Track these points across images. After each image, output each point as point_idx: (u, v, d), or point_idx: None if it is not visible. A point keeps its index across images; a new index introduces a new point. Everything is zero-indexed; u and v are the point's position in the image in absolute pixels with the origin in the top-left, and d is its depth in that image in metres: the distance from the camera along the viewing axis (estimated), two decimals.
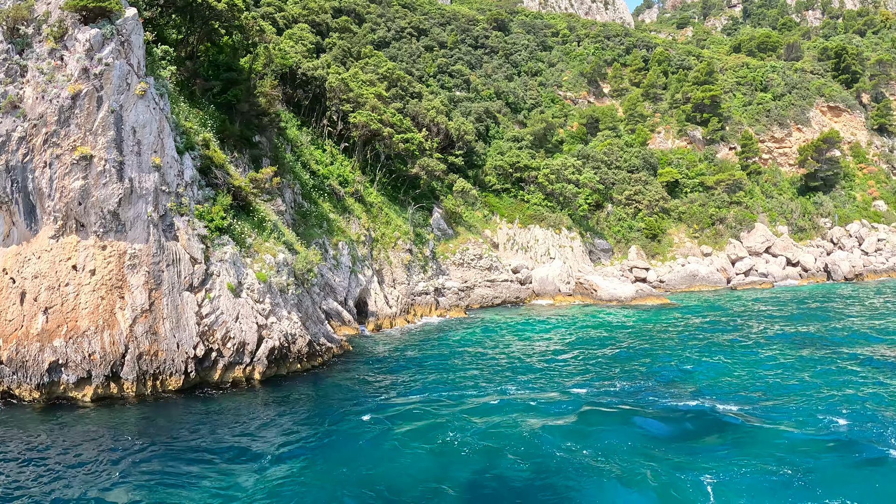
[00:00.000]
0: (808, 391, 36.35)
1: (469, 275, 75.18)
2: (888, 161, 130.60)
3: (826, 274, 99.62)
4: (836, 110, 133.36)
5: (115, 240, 34.66)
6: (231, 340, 36.89)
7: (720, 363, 43.60)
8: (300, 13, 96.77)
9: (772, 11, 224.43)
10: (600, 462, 26.26)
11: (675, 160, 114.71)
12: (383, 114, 72.24)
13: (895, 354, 44.92)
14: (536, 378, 39.86)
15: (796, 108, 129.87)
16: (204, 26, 53.62)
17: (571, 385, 38.01)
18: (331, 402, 34.37)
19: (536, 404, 34.18)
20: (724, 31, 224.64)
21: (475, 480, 25.05)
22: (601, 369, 42.19)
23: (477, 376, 40.34)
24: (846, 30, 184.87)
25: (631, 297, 75.43)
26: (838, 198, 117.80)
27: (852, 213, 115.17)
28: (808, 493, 23.63)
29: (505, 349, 49.40)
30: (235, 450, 27.50)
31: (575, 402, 34.46)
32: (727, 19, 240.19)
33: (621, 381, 38.67)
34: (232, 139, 50.70)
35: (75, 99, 33.85)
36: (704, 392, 36.36)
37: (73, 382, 33.14)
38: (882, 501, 23.18)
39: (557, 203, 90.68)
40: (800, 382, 38.28)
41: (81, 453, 26.66)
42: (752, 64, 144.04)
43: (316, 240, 55.05)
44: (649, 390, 36.90)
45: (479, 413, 32.54)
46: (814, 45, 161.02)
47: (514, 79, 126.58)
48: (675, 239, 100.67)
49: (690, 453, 27.09)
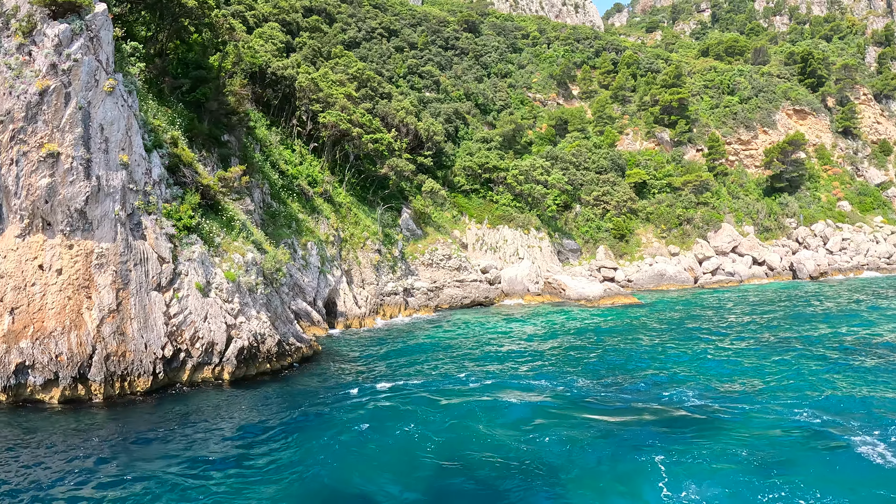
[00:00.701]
0: (773, 384, 37.06)
1: (438, 275, 75.27)
2: (852, 163, 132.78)
3: (792, 272, 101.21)
4: (801, 113, 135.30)
5: (82, 239, 34.32)
6: (200, 340, 36.70)
7: (687, 360, 44.20)
8: (271, 12, 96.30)
9: (740, 16, 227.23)
10: (562, 455, 26.64)
11: (643, 161, 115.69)
12: (353, 114, 72.14)
13: (859, 349, 45.75)
14: (505, 376, 40.02)
15: (763, 111, 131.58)
16: (174, 23, 53.27)
17: (540, 382, 38.22)
18: (299, 402, 34.31)
19: (504, 401, 34.40)
20: (693, 36, 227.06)
21: (442, 475, 25.20)
22: (569, 367, 42.47)
23: (445, 375, 40.44)
24: (813, 35, 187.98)
25: (599, 297, 75.93)
26: (803, 198, 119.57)
27: (817, 214, 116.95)
28: (766, 481, 24.13)
29: (473, 348, 49.53)
30: (204, 450, 27.37)
31: (543, 397, 34.81)
32: (696, 24, 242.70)
33: (589, 378, 38.96)
34: (200, 138, 50.37)
35: (43, 95, 33.48)
36: (671, 387, 36.78)
37: (40, 384, 32.71)
38: (838, 486, 23.73)
39: (526, 204, 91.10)
40: (765, 376, 39.01)
41: (48, 455, 26.40)
42: (719, 68, 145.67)
43: (285, 240, 54.87)
44: (616, 386, 37.23)
45: (447, 410, 32.71)
46: (781, 49, 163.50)
47: (484, 80, 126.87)
48: (643, 239, 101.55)
49: (653, 445, 27.45)
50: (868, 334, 52.23)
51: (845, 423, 30.05)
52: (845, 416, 31.22)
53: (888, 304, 68.81)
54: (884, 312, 62.95)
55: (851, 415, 31.37)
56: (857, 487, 23.67)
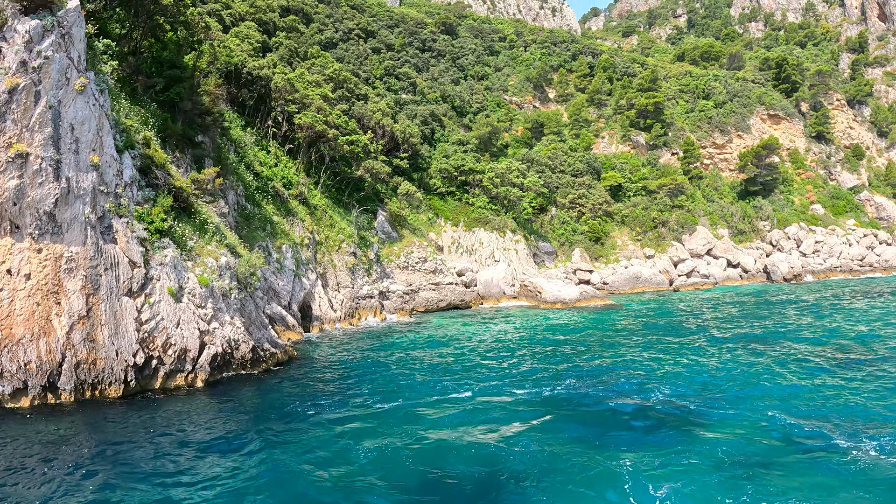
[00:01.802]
0: (747, 387, 37.06)
1: (414, 278, 74.80)
2: (825, 167, 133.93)
3: (766, 275, 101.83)
4: (775, 118, 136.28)
5: (52, 242, 33.44)
6: (172, 347, 35.96)
7: (662, 361, 44.12)
8: (247, 11, 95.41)
9: (716, 22, 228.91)
10: (533, 461, 26.36)
11: (619, 165, 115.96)
12: (329, 115, 71.50)
13: (833, 351, 45.86)
14: (480, 379, 39.61)
15: (737, 115, 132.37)
16: (148, 21, 52.33)
17: (515, 385, 37.88)
18: (275, 408, 33.68)
19: (479, 404, 34.13)
20: (669, 41, 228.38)
21: (421, 480, 24.86)
22: (545, 370, 42.16)
23: (421, 378, 40.01)
24: (787, 41, 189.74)
25: (575, 299, 75.80)
26: (777, 202, 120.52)
27: (791, 217, 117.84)
28: (736, 483, 24.04)
29: (449, 351, 49.11)
30: (175, 458, 26.71)
31: (518, 402, 34.53)
32: (672, 29, 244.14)
33: (564, 382, 38.62)
34: (174, 138, 49.50)
35: (12, 93, 32.57)
36: (645, 390, 36.59)
37: (8, 393, 31.80)
38: (810, 490, 23.58)
39: (502, 206, 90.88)
40: (738, 379, 38.98)
41: (15, 460, 25.66)
42: (695, 72, 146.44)
43: (259, 243, 54.13)
44: (591, 389, 36.95)
45: (423, 414, 32.41)
46: (756, 55, 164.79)
47: (461, 82, 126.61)
48: (619, 242, 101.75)
49: (628, 447, 27.34)
50: (841, 335, 52.36)
51: (821, 426, 29.97)
52: (820, 418, 31.17)
53: (861, 304, 69.20)
54: (854, 313, 63.29)
55: (826, 417, 31.32)
56: (830, 492, 23.50)
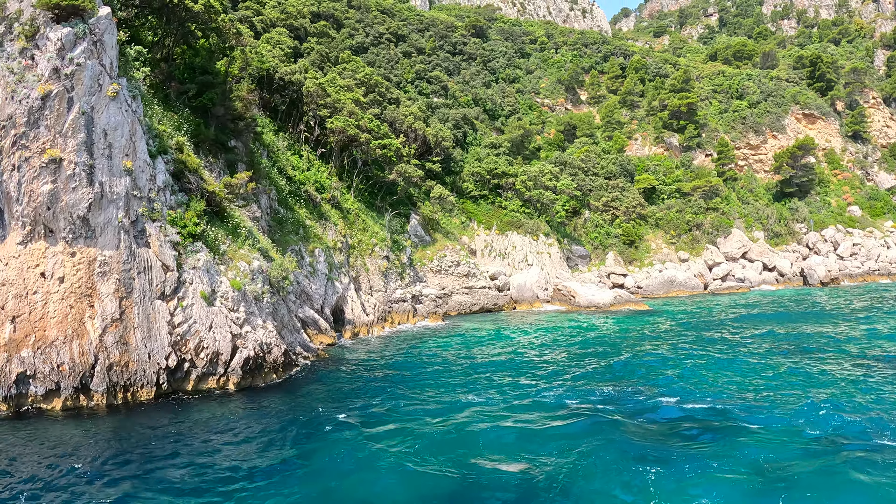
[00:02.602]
0: (788, 394, 36.14)
1: (446, 282, 74.57)
2: (862, 167, 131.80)
3: (802, 279, 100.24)
4: (810, 117, 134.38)
5: (85, 246, 33.67)
6: (204, 350, 36.01)
7: (700, 368, 43.30)
8: (278, 17, 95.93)
9: (748, 21, 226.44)
10: (576, 468, 25.84)
11: (652, 167, 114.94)
12: (361, 119, 71.53)
13: (876, 358, 44.86)
14: (513, 385, 39.26)
15: (772, 115, 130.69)
16: (180, 28, 52.67)
17: (550, 391, 37.45)
18: (307, 412, 33.54)
19: (512, 410, 33.67)
20: (701, 40, 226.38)
21: (453, 488, 24.52)
22: (580, 375, 41.68)
23: (455, 384, 39.71)
24: (821, 39, 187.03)
25: (609, 304, 75.13)
26: (813, 203, 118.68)
27: (827, 219, 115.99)
28: (777, 491, 23.42)
29: (483, 357, 48.78)
30: (204, 462, 26.65)
31: (552, 407, 34.07)
32: (703, 28, 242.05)
33: (600, 387, 38.14)
34: (207, 143, 49.74)
35: (45, 100, 32.87)
36: (685, 396, 35.97)
37: (41, 394, 32.11)
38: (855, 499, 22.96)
39: (535, 210, 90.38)
40: (779, 385, 38.09)
41: (47, 465, 25.75)
42: (728, 72, 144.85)
43: (292, 247, 54.16)
44: (629, 396, 36.41)
45: (456, 419, 31.98)
46: (789, 53, 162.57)
47: (492, 85, 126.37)
48: (653, 245, 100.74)
49: (670, 457, 26.64)
50: (883, 341, 51.34)
51: (863, 432, 29.29)
52: (862, 425, 30.40)
53: None
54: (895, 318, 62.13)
55: (868, 424, 30.52)
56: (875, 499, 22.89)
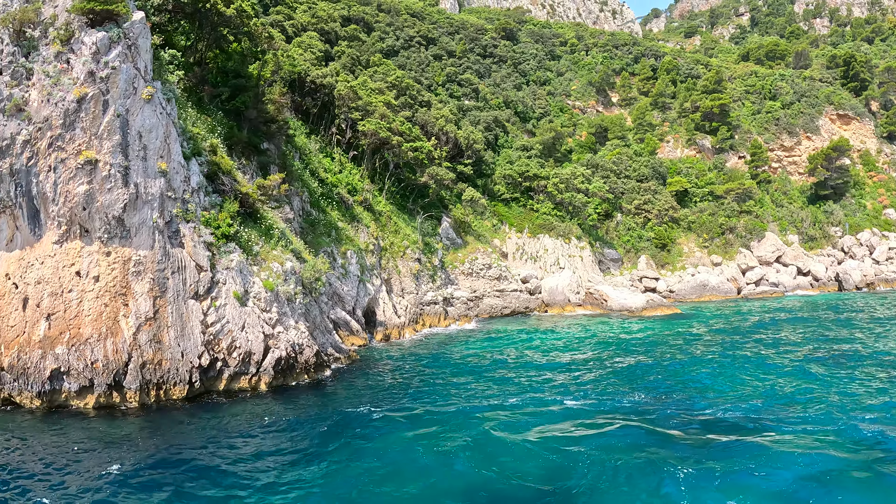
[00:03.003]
0: (825, 401, 35.54)
1: (478, 284, 74.45)
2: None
3: (837, 283, 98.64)
4: (845, 118, 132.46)
5: (120, 246, 34.02)
6: (237, 350, 36.22)
7: (734, 373, 42.77)
8: (309, 21, 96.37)
9: (779, 20, 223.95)
10: (605, 474, 25.66)
11: (685, 169, 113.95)
12: (392, 122, 71.65)
13: None
14: (545, 389, 39.07)
15: (805, 116, 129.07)
16: (212, 32, 53.09)
17: (581, 395, 37.24)
18: (338, 413, 33.60)
19: (544, 414, 33.53)
20: (732, 40, 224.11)
21: (483, 490, 24.47)
22: (611, 380, 41.39)
23: (486, 387, 39.59)
24: (854, 37, 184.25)
25: (641, 308, 74.56)
26: (848, 206, 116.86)
27: (863, 222, 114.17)
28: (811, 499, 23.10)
29: (514, 360, 48.63)
30: (239, 463, 26.76)
31: (583, 412, 33.83)
32: (735, 28, 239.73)
33: (632, 392, 37.85)
34: (240, 146, 50.11)
35: (81, 102, 33.29)
36: (718, 402, 35.57)
37: (74, 391, 32.53)
38: None
39: (567, 212, 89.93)
40: (815, 393, 37.46)
41: (81, 461, 25.99)
42: (760, 72, 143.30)
43: (324, 248, 54.34)
44: (660, 402, 36.09)
45: (487, 422, 31.86)
46: (822, 53, 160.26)
47: (523, 88, 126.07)
48: (685, 248, 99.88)
49: (701, 464, 26.31)
50: None
51: None
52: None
53: None
54: None
55: None
56: None
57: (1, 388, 32.60)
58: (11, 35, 34.33)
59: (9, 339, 32.86)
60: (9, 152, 33.11)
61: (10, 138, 33.05)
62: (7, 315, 33.12)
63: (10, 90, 33.50)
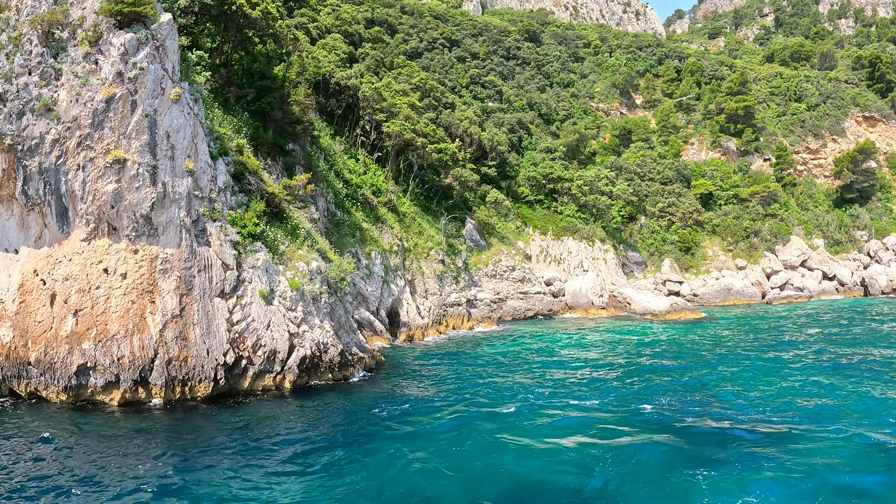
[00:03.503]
0: (852, 408, 35.11)
1: (501, 286, 74.37)
2: None
3: (863, 288, 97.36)
4: (871, 120, 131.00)
5: (147, 244, 34.31)
6: (262, 348, 36.37)
7: (759, 379, 42.33)
8: (333, 24, 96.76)
9: (804, 20, 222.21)
10: (624, 476, 25.59)
11: (709, 172, 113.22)
12: (416, 124, 71.77)
13: None
14: (572, 392, 38.92)
15: (831, 118, 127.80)
16: (238, 34, 53.47)
17: (603, 399, 37.06)
18: (362, 414, 33.62)
19: (567, 418, 33.36)
20: (757, 41, 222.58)
21: (504, 493, 24.42)
22: (635, 384, 41.15)
23: (510, 389, 39.47)
24: (880, 38, 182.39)
25: (665, 311, 74.14)
26: (875, 210, 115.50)
27: (889, 226, 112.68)
28: None
29: (538, 362, 48.50)
30: (264, 463, 26.83)
31: (605, 416, 33.65)
32: (759, 29, 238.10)
33: (655, 397, 37.57)
34: (265, 146, 50.41)
35: (109, 102, 33.60)
36: (744, 408, 35.26)
37: (100, 386, 32.87)
38: None
39: (591, 215, 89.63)
40: (842, 400, 37.01)
41: (107, 457, 26.19)
42: (785, 74, 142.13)
43: (349, 248, 54.51)
44: (683, 405, 35.83)
45: (513, 426, 31.76)
46: (847, 53, 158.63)
47: (547, 90, 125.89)
48: (709, 252, 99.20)
49: (724, 470, 26.06)
50: None
51: None
52: None
53: None
54: None
55: None
56: None
57: (28, 382, 33.05)
58: (40, 36, 34.75)
59: (36, 334, 33.26)
60: (38, 151, 33.51)
61: (39, 137, 33.45)
62: (35, 310, 33.52)
63: (39, 90, 33.91)
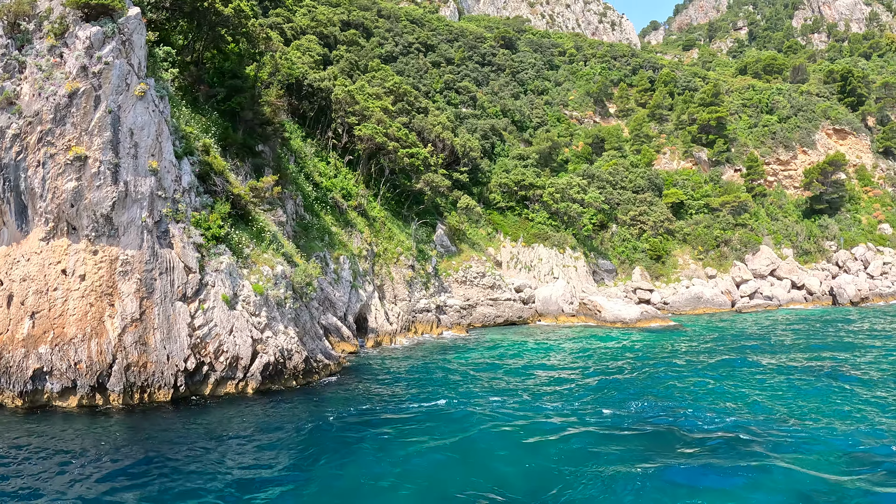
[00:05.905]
0: (819, 415, 35.05)
1: (471, 293, 73.93)
2: (894, 184, 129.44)
3: (831, 297, 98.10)
4: (841, 133, 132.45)
5: (108, 245, 33.43)
6: (224, 354, 35.60)
7: (727, 387, 42.18)
8: (308, 25, 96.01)
9: (777, 34, 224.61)
10: (591, 483, 25.26)
11: (681, 181, 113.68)
12: (389, 127, 71.22)
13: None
14: (537, 398, 38.52)
15: (802, 130, 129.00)
16: (210, 32, 52.62)
17: (572, 406, 36.69)
18: (326, 420, 32.98)
19: (536, 424, 32.97)
20: (730, 54, 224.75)
21: (469, 498, 23.89)
22: (605, 391, 40.84)
23: (477, 395, 39.02)
24: (852, 53, 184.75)
25: (635, 319, 74.08)
26: (844, 221, 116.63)
27: (858, 237, 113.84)
28: None
29: (506, 369, 48.08)
30: (221, 466, 26.14)
31: (575, 423, 33.26)
32: (733, 42, 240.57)
33: (625, 404, 37.27)
34: (234, 147, 49.62)
35: (72, 97, 32.75)
36: (711, 415, 35.03)
37: (57, 392, 31.97)
38: None
39: (562, 222, 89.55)
40: (809, 407, 36.95)
41: (58, 462, 25.38)
42: (757, 86, 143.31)
43: (316, 253, 53.82)
44: (653, 413, 35.56)
45: (477, 433, 31.33)
46: (819, 67, 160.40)
47: (521, 97, 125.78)
48: (680, 260, 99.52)
49: (693, 477, 25.88)
50: None
51: None
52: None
53: None
54: None
55: None
56: None
57: None
58: (6, 27, 33.89)
59: None
60: None
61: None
62: None
63: (1, 83, 33.00)
